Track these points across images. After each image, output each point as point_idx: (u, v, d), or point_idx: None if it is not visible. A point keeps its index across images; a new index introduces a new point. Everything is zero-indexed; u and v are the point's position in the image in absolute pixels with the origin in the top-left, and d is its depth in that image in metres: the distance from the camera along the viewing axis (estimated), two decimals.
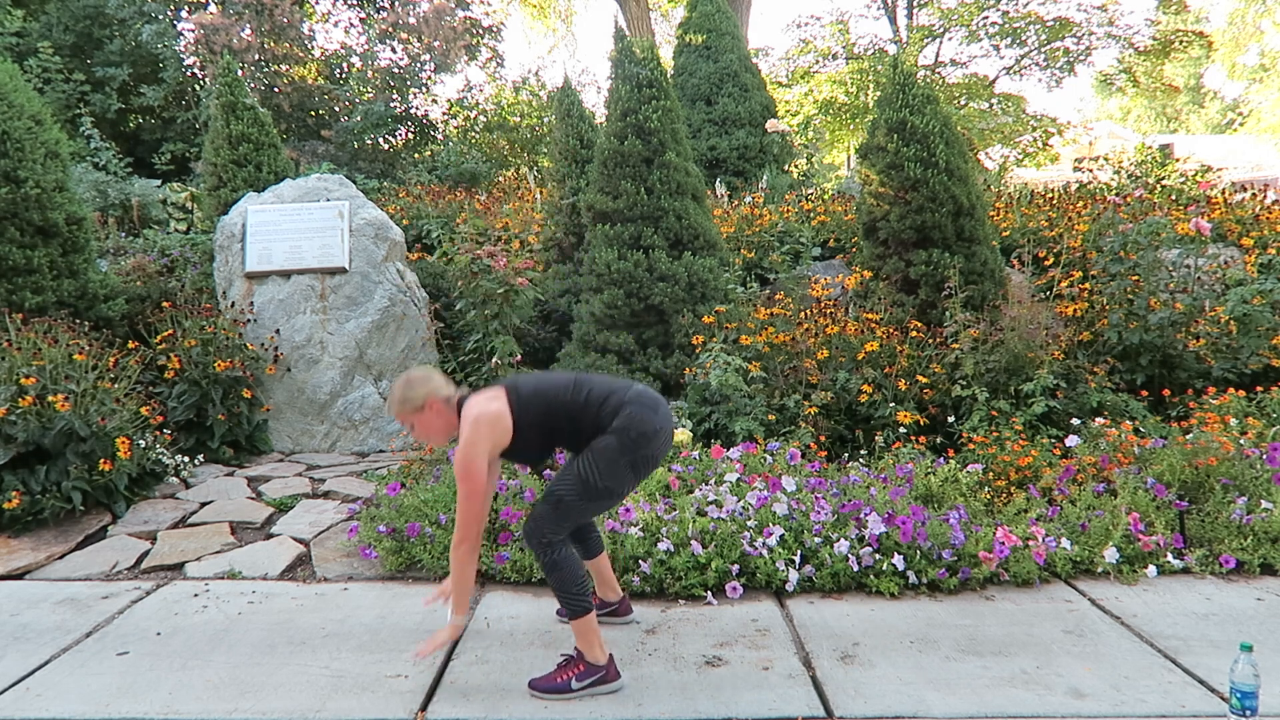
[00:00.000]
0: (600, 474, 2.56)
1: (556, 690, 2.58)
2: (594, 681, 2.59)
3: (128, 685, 2.71)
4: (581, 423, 2.62)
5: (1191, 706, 2.52)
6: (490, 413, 2.57)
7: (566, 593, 2.59)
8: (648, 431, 2.57)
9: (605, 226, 5.70)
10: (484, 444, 2.55)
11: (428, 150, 13.38)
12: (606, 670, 2.61)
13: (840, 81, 17.75)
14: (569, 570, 2.59)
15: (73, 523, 4.16)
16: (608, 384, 2.68)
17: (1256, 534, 3.62)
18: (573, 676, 2.59)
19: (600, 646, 2.62)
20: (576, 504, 2.59)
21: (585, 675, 2.59)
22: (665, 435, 2.64)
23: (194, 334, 5.41)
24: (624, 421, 2.57)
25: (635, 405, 2.60)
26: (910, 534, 3.42)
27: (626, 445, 2.56)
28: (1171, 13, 19.53)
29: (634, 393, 2.65)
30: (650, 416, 2.59)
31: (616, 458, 2.56)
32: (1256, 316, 5.05)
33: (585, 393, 2.64)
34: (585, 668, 2.60)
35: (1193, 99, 37.76)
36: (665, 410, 2.67)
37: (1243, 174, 17.15)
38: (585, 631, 2.61)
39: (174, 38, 11.96)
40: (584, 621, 2.60)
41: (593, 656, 2.61)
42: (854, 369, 5.01)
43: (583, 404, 2.62)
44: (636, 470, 2.60)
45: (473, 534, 2.56)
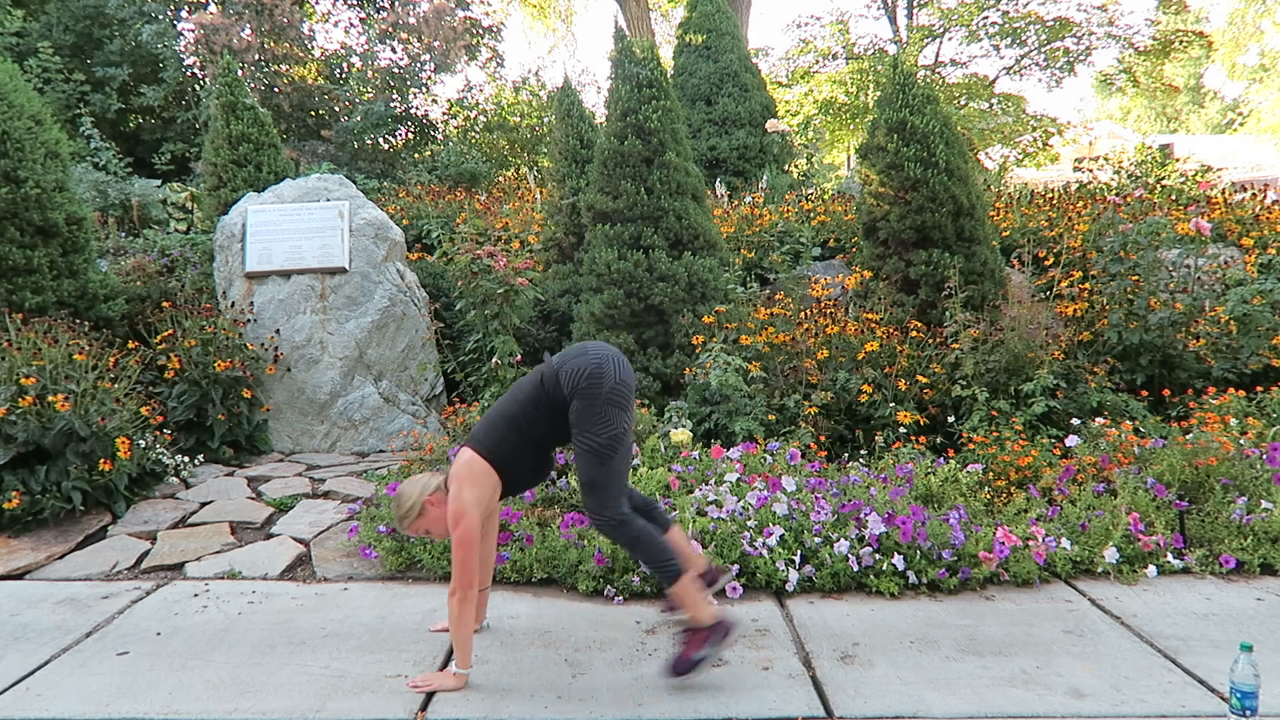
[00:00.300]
0: (596, 433, 2.60)
1: (692, 666, 2.63)
2: (717, 641, 2.66)
3: (128, 685, 2.71)
4: (550, 411, 2.67)
5: (1191, 706, 2.52)
6: (462, 463, 2.68)
7: (655, 561, 2.65)
8: (592, 370, 2.61)
9: (605, 226, 5.70)
10: (469, 490, 2.62)
11: (428, 150, 13.38)
12: (719, 624, 2.66)
13: (840, 81, 17.76)
14: (649, 540, 2.66)
15: (73, 523, 4.16)
16: (532, 377, 2.75)
17: (1256, 534, 3.62)
18: (696, 647, 2.64)
19: (703, 604, 2.68)
20: (603, 471, 2.62)
21: (706, 641, 2.64)
22: (609, 364, 2.64)
23: (194, 334, 5.41)
24: (569, 382, 2.62)
25: (567, 364, 2.65)
26: (910, 534, 3.42)
27: (589, 395, 2.60)
28: (1171, 13, 19.53)
29: (559, 357, 2.72)
30: (582, 360, 2.64)
31: (592, 411, 2.60)
32: (1256, 316, 5.05)
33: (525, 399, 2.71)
34: (704, 634, 2.64)
35: (1193, 99, 37.77)
36: (595, 348, 2.70)
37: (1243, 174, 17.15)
38: (685, 595, 2.67)
39: (174, 38, 11.96)
40: (681, 585, 2.65)
41: (700, 619, 2.66)
42: (854, 369, 5.01)
43: (536, 397, 2.68)
44: (616, 406, 2.62)
45: (465, 582, 2.58)
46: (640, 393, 5.29)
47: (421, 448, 4.81)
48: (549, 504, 4.00)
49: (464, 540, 2.56)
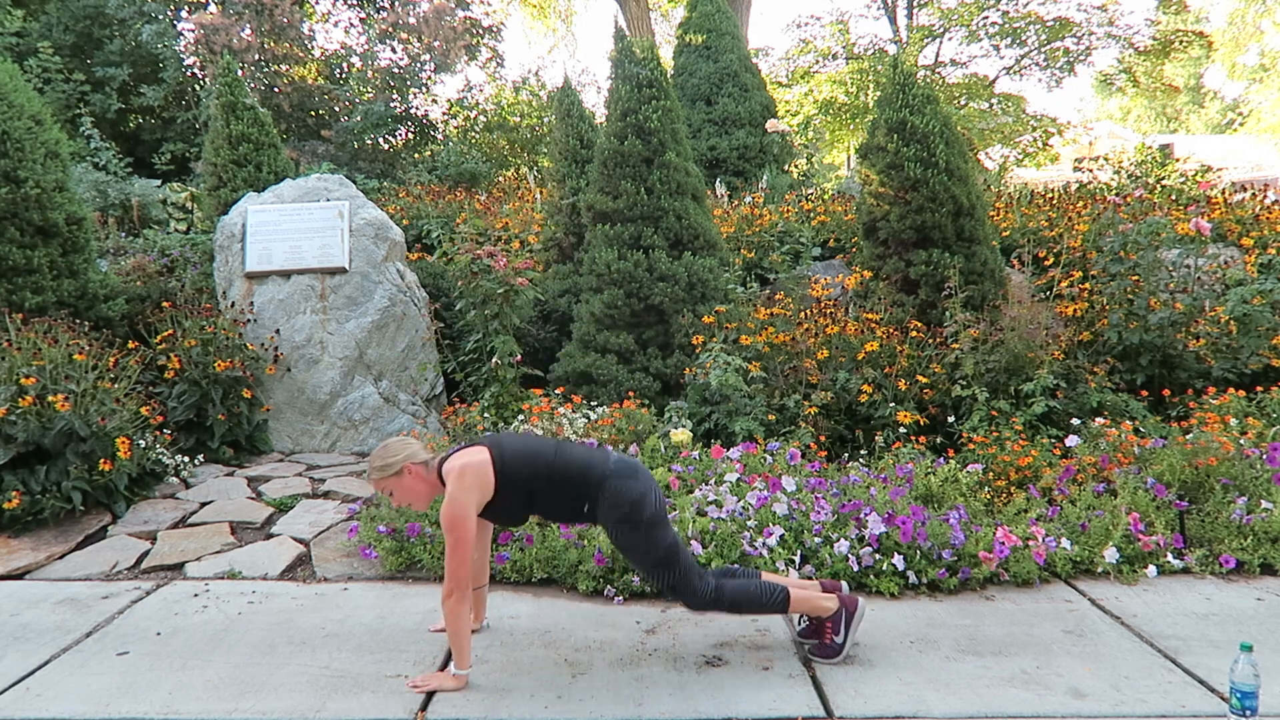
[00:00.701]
0: (651, 550, 2.67)
1: (838, 650, 2.79)
2: (845, 622, 2.81)
3: (128, 685, 2.71)
4: (564, 489, 2.69)
5: (1191, 706, 2.52)
6: (475, 463, 2.63)
7: (762, 604, 2.76)
8: (635, 500, 2.65)
9: (605, 226, 5.70)
10: (472, 494, 2.60)
11: (428, 150, 13.38)
12: (843, 607, 2.81)
13: (840, 81, 17.75)
14: (743, 596, 2.74)
15: (73, 523, 4.16)
16: (586, 454, 2.75)
17: (1256, 534, 3.62)
18: (831, 633, 2.80)
19: (821, 598, 2.82)
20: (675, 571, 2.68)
21: (836, 627, 2.80)
22: (652, 492, 2.71)
23: (194, 334, 5.41)
24: (612, 501, 2.65)
25: (615, 479, 2.66)
26: (910, 534, 3.42)
27: (632, 519, 2.65)
28: (1171, 13, 19.53)
29: (612, 464, 2.71)
30: (632, 485, 2.67)
31: (635, 531, 2.66)
32: (1256, 316, 5.05)
33: (566, 459, 2.71)
34: (830, 621, 2.80)
35: (1193, 99, 37.76)
36: (644, 471, 2.75)
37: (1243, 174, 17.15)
38: (803, 604, 2.79)
39: (174, 38, 11.96)
40: (795, 601, 2.77)
41: (822, 611, 2.80)
42: (854, 369, 5.01)
43: (564, 470, 2.68)
44: (657, 521, 2.68)
45: (460, 583, 2.58)
46: (640, 393, 5.29)
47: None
48: None
49: (461, 542, 2.56)
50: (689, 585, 2.70)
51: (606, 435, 4.52)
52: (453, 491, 2.59)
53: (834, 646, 2.79)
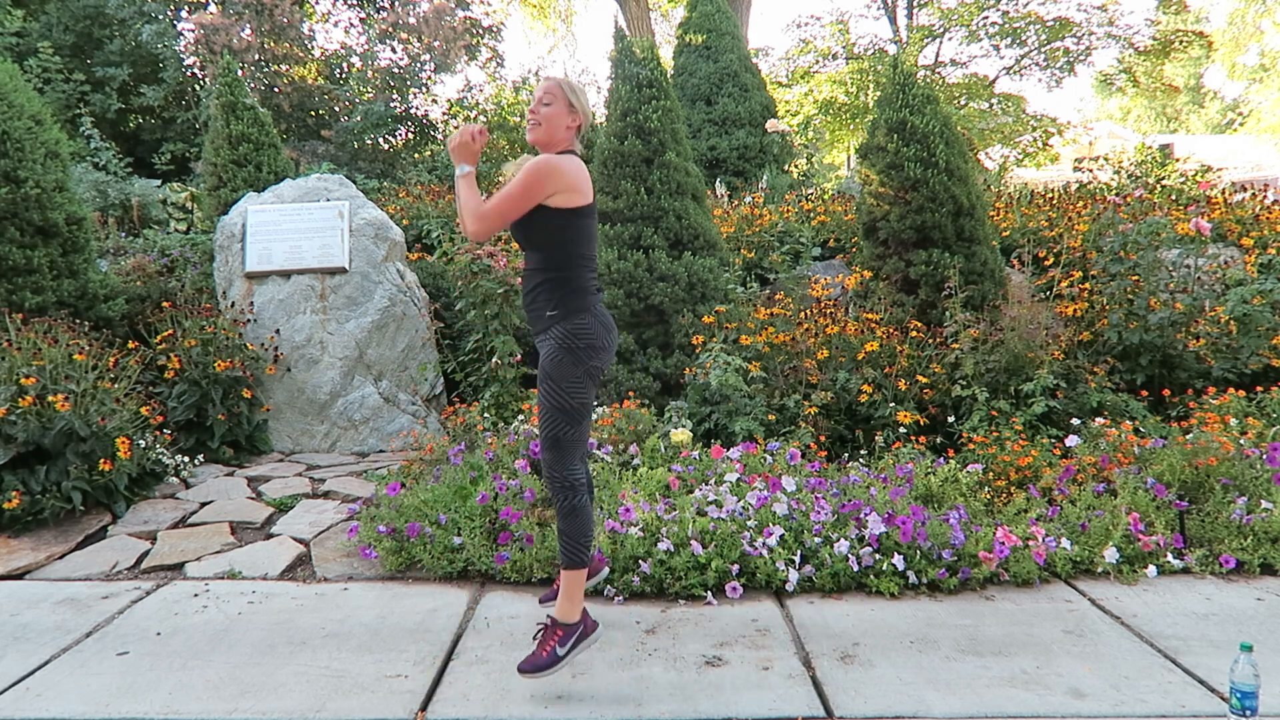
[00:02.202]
0: (567, 393, 2.60)
1: (546, 665, 2.55)
2: (576, 640, 2.61)
3: (128, 685, 2.71)
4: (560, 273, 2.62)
5: (1191, 706, 2.52)
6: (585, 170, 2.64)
7: (575, 540, 2.62)
8: (597, 345, 2.63)
9: (605, 226, 5.70)
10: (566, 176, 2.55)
11: (428, 150, 13.38)
12: (584, 624, 2.64)
13: (840, 81, 17.76)
14: (583, 520, 2.63)
15: (73, 523, 4.16)
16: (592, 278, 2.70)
17: (1256, 534, 3.62)
18: (555, 644, 2.58)
19: (576, 601, 2.64)
20: (569, 431, 2.63)
21: (566, 639, 2.59)
22: (611, 351, 2.70)
23: (194, 334, 5.41)
24: (575, 328, 2.60)
25: (593, 316, 2.64)
26: (910, 534, 3.42)
27: (578, 356, 2.60)
28: (1171, 13, 19.54)
29: (600, 306, 2.70)
30: (603, 335, 2.65)
31: (571, 371, 2.60)
32: (1256, 316, 5.05)
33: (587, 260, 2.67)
34: (563, 631, 2.60)
35: (1193, 99, 37.77)
36: (615, 332, 2.73)
37: (1243, 174, 17.16)
38: (573, 585, 2.63)
39: (174, 38, 11.96)
40: (577, 575, 2.63)
41: (568, 615, 2.62)
42: (854, 369, 5.01)
43: (576, 265, 2.63)
44: (592, 378, 2.65)
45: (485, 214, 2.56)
46: (640, 393, 5.29)
47: (421, 447, 4.81)
48: (549, 504, 4.00)
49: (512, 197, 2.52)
50: (569, 455, 2.63)
51: (606, 435, 4.52)
52: (558, 159, 2.57)
53: (550, 658, 2.55)
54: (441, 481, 4.09)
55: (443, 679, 2.73)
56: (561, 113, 2.67)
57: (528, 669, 2.56)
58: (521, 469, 4.12)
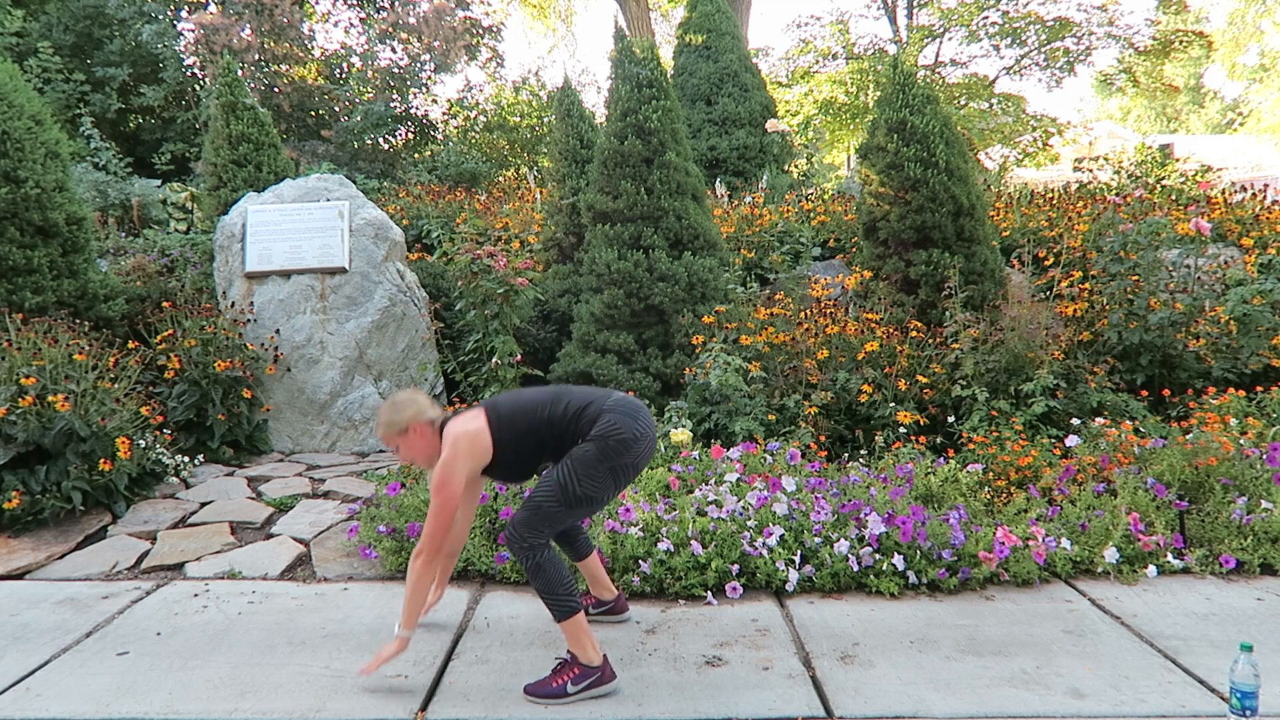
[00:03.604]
0: (579, 481, 2.56)
1: (552, 695, 2.56)
2: (590, 684, 2.57)
3: (128, 685, 2.71)
4: (564, 434, 2.63)
5: (1191, 706, 2.52)
6: (469, 432, 2.60)
7: (552, 595, 2.57)
8: (626, 438, 2.55)
9: (605, 226, 5.70)
10: (463, 462, 2.58)
11: (428, 150, 13.39)
12: (602, 671, 2.59)
13: (840, 81, 17.76)
14: (552, 572, 2.57)
15: (73, 523, 4.16)
16: (588, 394, 2.69)
17: (1256, 534, 3.62)
18: (568, 680, 2.57)
19: (593, 647, 2.59)
20: (555, 510, 2.58)
21: (581, 678, 2.57)
22: (646, 442, 2.62)
23: (194, 334, 5.41)
24: (602, 429, 2.56)
25: (614, 413, 2.59)
26: (910, 534, 3.42)
27: (606, 452, 2.55)
28: (1171, 13, 19.54)
29: (613, 400, 2.64)
30: (629, 424, 2.58)
31: (595, 464, 2.56)
32: (1256, 316, 5.05)
33: (565, 404, 2.65)
34: (580, 670, 2.58)
35: (1193, 99, 37.76)
36: (646, 417, 2.65)
37: (1243, 174, 17.15)
38: (575, 633, 2.59)
39: (174, 38, 11.97)
40: (573, 623, 2.58)
41: (586, 658, 2.58)
42: (854, 369, 5.01)
43: (563, 414, 2.63)
44: (616, 478, 2.60)
45: (433, 548, 2.57)
46: (640, 393, 5.29)
47: None
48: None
49: (443, 508, 2.55)
50: (542, 528, 2.57)
51: None
52: (445, 457, 2.58)
53: (556, 690, 2.55)
54: None
55: (443, 679, 2.73)
56: (412, 439, 2.67)
57: (533, 692, 2.58)
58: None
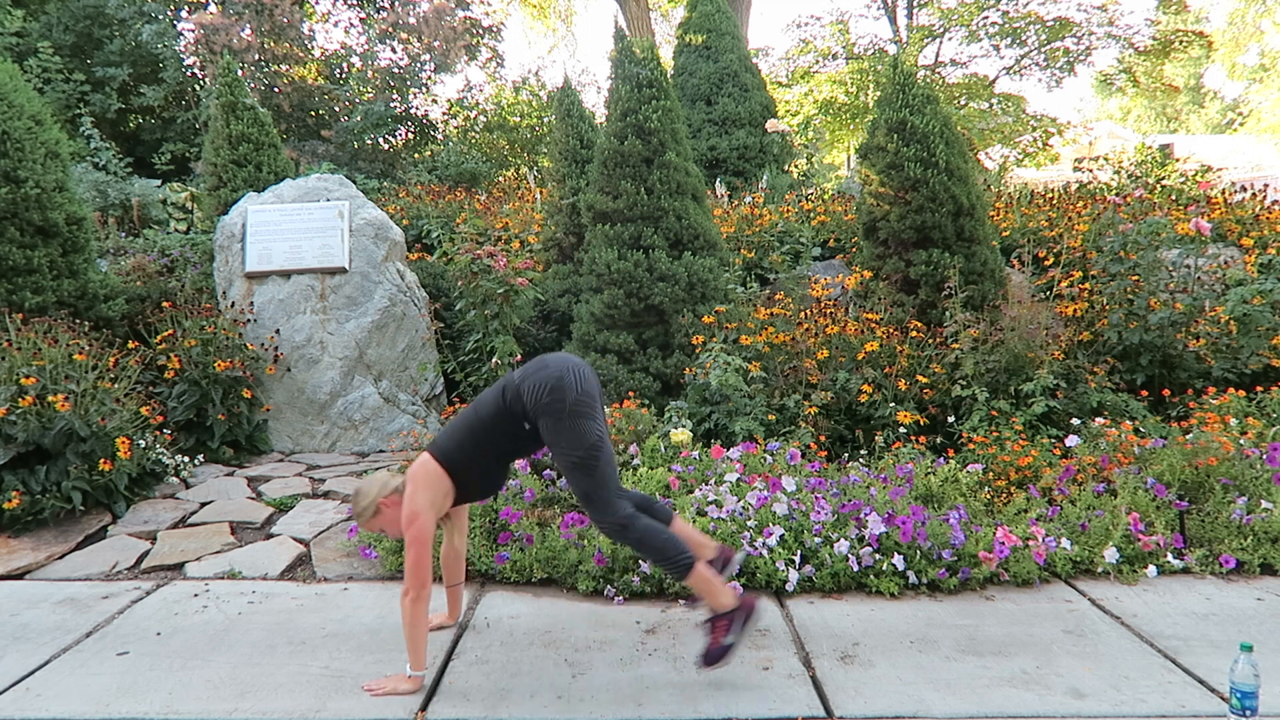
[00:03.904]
0: (573, 447, 2.61)
1: (724, 652, 2.62)
2: (743, 623, 2.65)
3: (128, 685, 2.71)
4: (503, 429, 2.68)
5: (1191, 706, 2.52)
6: (422, 467, 2.69)
7: (665, 559, 2.65)
8: (553, 386, 2.61)
9: (605, 226, 5.70)
10: (422, 492, 2.63)
11: (428, 150, 13.39)
12: (741, 605, 2.66)
13: (840, 81, 17.76)
14: (654, 540, 2.65)
15: (73, 523, 4.16)
16: (501, 382, 2.74)
17: (1256, 534, 3.62)
18: (723, 633, 2.64)
19: (723, 590, 2.67)
20: (592, 480, 2.63)
21: (730, 625, 2.64)
22: (570, 376, 2.64)
23: (194, 334, 5.41)
24: (531, 399, 2.63)
25: (528, 380, 2.65)
26: (910, 534, 3.42)
27: (555, 411, 2.60)
28: (1171, 13, 19.54)
29: (520, 372, 2.71)
30: (542, 374, 2.64)
31: (562, 426, 2.61)
32: (1256, 316, 5.05)
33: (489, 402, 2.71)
34: (726, 619, 2.64)
35: (1193, 99, 37.77)
36: (557, 359, 2.70)
37: (1243, 174, 17.16)
38: (700, 584, 2.67)
39: (174, 38, 11.97)
40: (695, 576, 2.65)
41: (721, 605, 2.66)
42: (854, 369, 5.01)
43: (493, 412, 2.69)
44: (585, 417, 2.63)
45: (418, 582, 2.57)
46: (640, 393, 5.29)
47: (421, 448, 4.81)
48: (549, 504, 4.00)
49: (417, 540, 2.56)
50: (606, 499, 2.63)
51: None
52: (408, 494, 2.65)
53: (721, 649, 2.62)
54: None
55: (443, 679, 2.73)
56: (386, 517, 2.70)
57: (709, 661, 2.63)
58: (521, 469, 4.12)
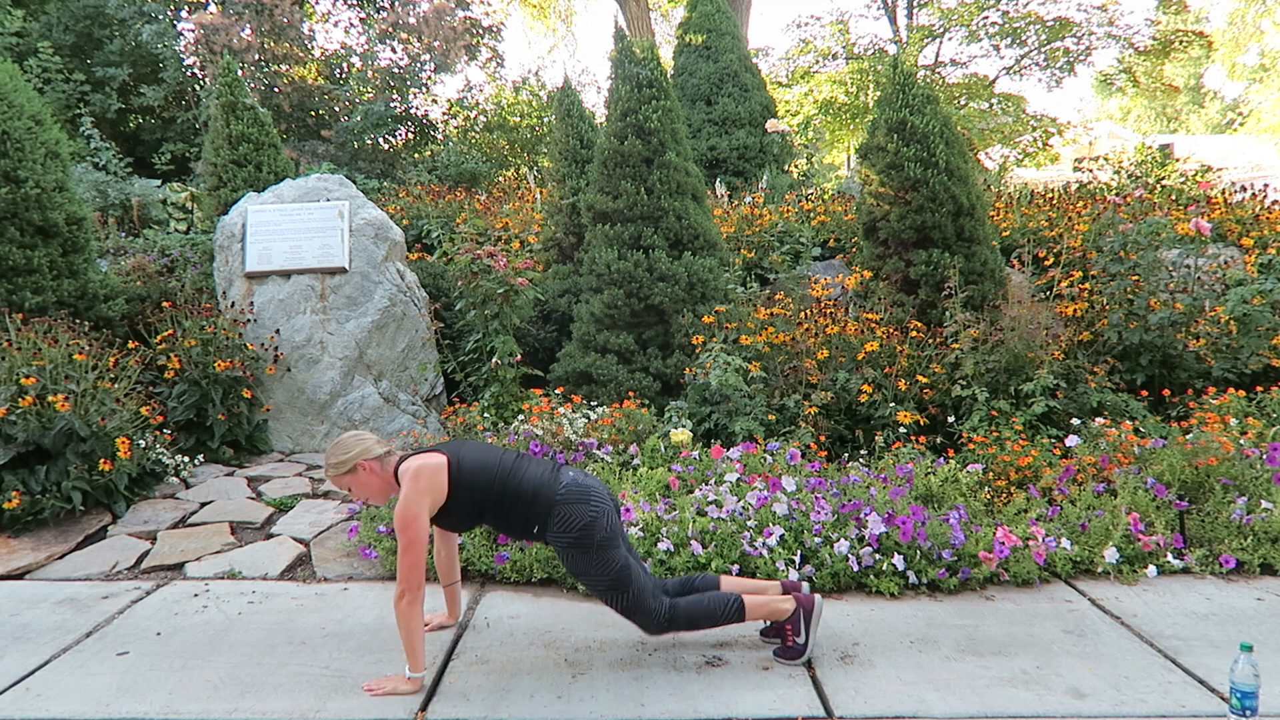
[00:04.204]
0: (603, 576, 2.68)
1: (799, 651, 2.79)
2: (807, 623, 2.80)
3: (128, 685, 2.71)
4: (514, 508, 2.67)
5: (1191, 706, 2.52)
6: (430, 466, 2.62)
7: (716, 620, 2.77)
8: (585, 525, 2.64)
9: (605, 226, 5.70)
10: (425, 497, 2.58)
11: (428, 150, 13.38)
12: (800, 606, 2.82)
13: (840, 81, 17.76)
14: (697, 610, 2.76)
15: (73, 523, 4.16)
16: (538, 476, 2.70)
17: (1256, 534, 3.62)
18: (793, 636, 2.81)
19: (778, 600, 2.83)
20: (628, 596, 2.70)
21: (798, 628, 2.80)
22: (604, 515, 2.67)
23: (194, 334, 5.41)
24: (561, 526, 2.64)
25: (565, 505, 2.65)
26: (910, 534, 3.42)
27: (582, 544, 2.65)
28: (1171, 13, 19.54)
29: (562, 489, 2.67)
30: (581, 510, 2.65)
31: (587, 555, 2.66)
32: (1256, 316, 5.05)
33: (518, 480, 2.68)
34: (791, 624, 2.81)
35: (1193, 99, 37.76)
36: (597, 493, 2.70)
37: (1243, 174, 17.15)
38: (759, 611, 2.80)
39: (174, 38, 11.97)
40: (750, 610, 2.79)
41: (782, 613, 2.82)
42: (854, 369, 5.01)
43: (515, 490, 2.67)
44: (608, 544, 2.67)
45: (413, 585, 2.55)
46: (640, 393, 5.29)
47: (423, 447, 4.80)
48: None
49: (414, 543, 2.53)
50: (643, 607, 2.71)
51: (606, 435, 4.52)
52: (406, 493, 2.57)
53: (796, 648, 2.80)
54: None
55: (443, 679, 2.73)
56: (362, 478, 2.68)
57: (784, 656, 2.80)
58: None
